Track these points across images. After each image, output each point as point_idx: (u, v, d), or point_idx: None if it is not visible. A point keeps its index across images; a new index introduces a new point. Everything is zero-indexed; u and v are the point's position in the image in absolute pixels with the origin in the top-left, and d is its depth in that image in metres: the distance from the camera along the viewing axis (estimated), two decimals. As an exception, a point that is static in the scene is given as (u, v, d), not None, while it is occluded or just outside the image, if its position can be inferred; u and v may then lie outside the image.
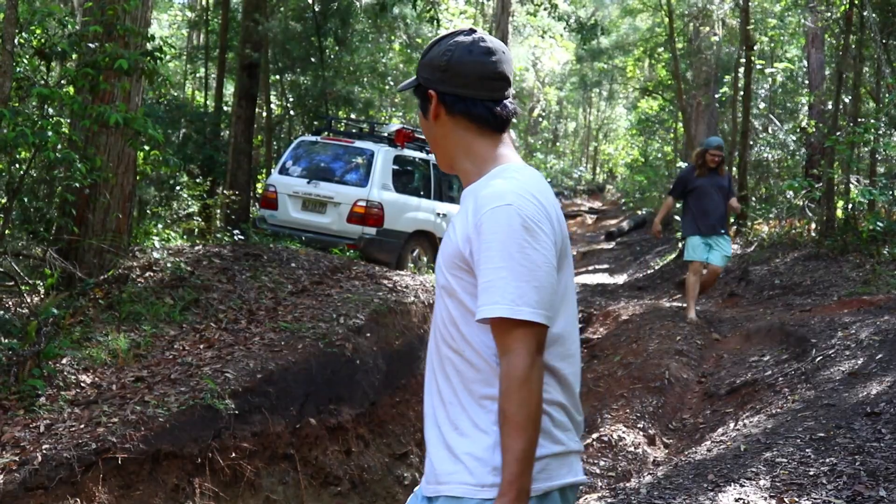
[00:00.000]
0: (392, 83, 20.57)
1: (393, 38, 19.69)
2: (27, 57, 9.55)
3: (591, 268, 21.54)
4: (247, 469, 7.61)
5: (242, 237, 12.06)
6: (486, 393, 2.35)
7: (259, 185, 15.32)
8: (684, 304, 12.51)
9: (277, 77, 17.80)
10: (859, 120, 15.48)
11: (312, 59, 17.13)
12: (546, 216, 2.38)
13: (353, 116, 17.16)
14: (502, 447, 2.26)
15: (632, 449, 8.20)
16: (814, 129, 18.49)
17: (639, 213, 29.66)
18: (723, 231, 11.11)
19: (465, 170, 2.57)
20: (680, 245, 17.64)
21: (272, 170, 13.59)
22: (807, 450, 6.04)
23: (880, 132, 15.38)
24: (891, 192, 15.04)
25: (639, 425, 8.80)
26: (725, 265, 11.65)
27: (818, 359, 8.55)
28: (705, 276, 11.70)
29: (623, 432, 8.54)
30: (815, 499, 5.16)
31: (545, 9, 26.45)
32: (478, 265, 2.30)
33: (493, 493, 2.27)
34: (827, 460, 5.74)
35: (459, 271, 2.37)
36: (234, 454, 7.49)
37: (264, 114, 17.65)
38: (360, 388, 8.92)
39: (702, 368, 10.23)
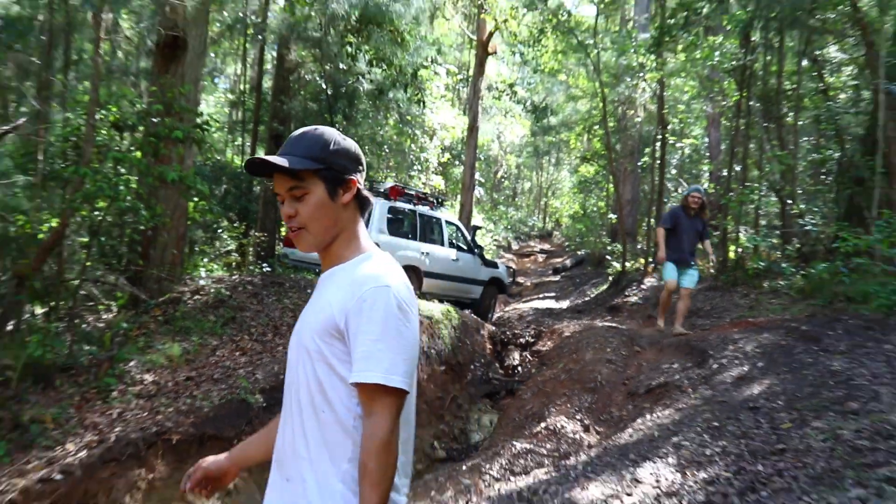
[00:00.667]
0: (387, 150, 20.71)
1: (388, 115, 19.74)
2: (105, 128, 9.61)
3: (541, 295, 21.51)
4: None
5: (269, 269, 12.09)
6: (341, 453, 2.17)
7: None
8: (614, 324, 12.61)
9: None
10: (746, 183, 15.69)
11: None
12: (413, 299, 2.29)
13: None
14: (361, 498, 2.09)
15: (571, 435, 8.21)
16: (713, 190, 18.66)
17: (578, 253, 29.70)
18: (692, 263, 11.05)
19: (338, 251, 2.36)
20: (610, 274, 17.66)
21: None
22: (704, 435, 6.12)
23: (762, 193, 15.64)
24: (770, 240, 15.26)
25: (577, 417, 8.82)
26: (694, 287, 11.38)
27: (714, 366, 8.61)
28: (680, 298, 11.30)
29: (565, 422, 8.57)
30: (710, 472, 5.23)
31: (507, 95, 26.76)
32: (355, 336, 2.13)
33: None
34: (719, 443, 5.82)
35: (332, 339, 2.16)
36: (262, 437, 7.53)
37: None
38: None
39: (626, 374, 10.26)
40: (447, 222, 14.41)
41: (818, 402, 6.24)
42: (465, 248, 14.75)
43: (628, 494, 5.17)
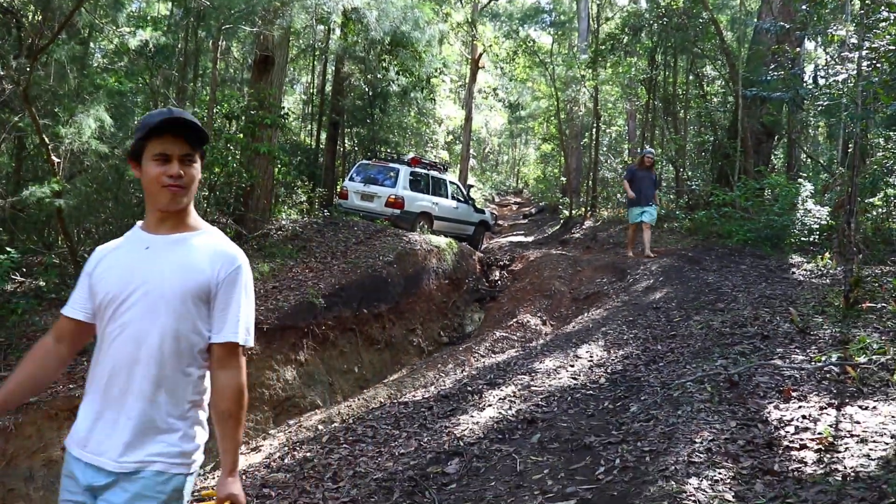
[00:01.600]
0: (409, 133, 20.42)
1: (410, 109, 19.51)
2: (219, 118, 9.54)
3: (514, 233, 21.44)
4: (330, 335, 7.70)
5: (328, 214, 12.04)
6: (184, 396, 1.79)
7: (338, 187, 15.25)
8: (564, 252, 12.60)
9: (349, 129, 17.62)
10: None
11: (367, 121, 16.95)
12: None
13: (388, 151, 16.99)
14: (227, 439, 1.80)
15: (534, 327, 8.28)
16: (629, 162, 18.49)
17: (540, 204, 29.50)
18: (650, 203, 9.95)
19: (185, 218, 1.88)
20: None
21: (345, 178, 13.46)
22: (623, 326, 6.15)
23: (663, 164, 15.50)
24: (669, 196, 15.18)
25: (538, 315, 8.88)
26: (652, 222, 10.24)
27: (630, 280, 8.63)
28: (643, 231, 10.19)
29: (529, 318, 8.63)
30: (626, 350, 5.27)
31: (492, 96, 26.45)
32: (226, 302, 1.81)
33: (188, 464, 1.79)
34: (632, 331, 5.85)
35: (200, 302, 1.79)
36: (323, 327, 7.59)
37: (341, 149, 17.49)
38: (390, 294, 8.95)
39: (571, 285, 10.26)
40: (450, 182, 14.25)
41: (698, 303, 6.25)
42: (462, 200, 14.63)
43: (571, 365, 5.22)
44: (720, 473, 2.81)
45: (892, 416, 3.06)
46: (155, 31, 10.17)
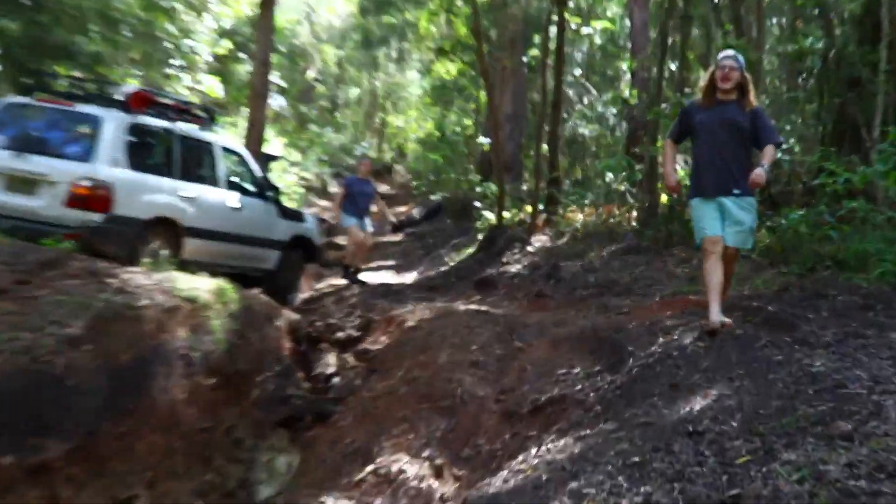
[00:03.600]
0: (128, 33, 20.21)
1: (127, -24, 19.34)
2: None
3: (374, 264, 21.57)
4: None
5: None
6: None
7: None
8: (485, 308, 12.74)
9: (-25, 23, 17.18)
10: (686, 90, 15.96)
11: (23, 1, 16.65)
12: None
13: (76, 74, 16.68)
14: None
15: (415, 483, 8.21)
16: (636, 100, 18.95)
17: (432, 198, 29.94)
18: (740, 191, 9.32)
19: None
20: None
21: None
22: (619, 477, 6.10)
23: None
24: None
25: (424, 454, 8.81)
26: (745, 244, 10.92)
27: (635, 370, 8.71)
28: (721, 263, 11.18)
29: (405, 463, 8.55)
30: (626, 538, 5.21)
31: (319, -52, 26.55)
32: None
33: None
34: (641, 489, 5.81)
35: None
36: None
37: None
38: (73, 415, 8.58)
39: (501, 383, 10.28)
40: (225, 150, 14.31)
41: (791, 423, 6.32)
42: (253, 190, 14.61)
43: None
44: None
45: None
46: None
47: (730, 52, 8.88)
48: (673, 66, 17.44)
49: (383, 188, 40.26)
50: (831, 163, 10.99)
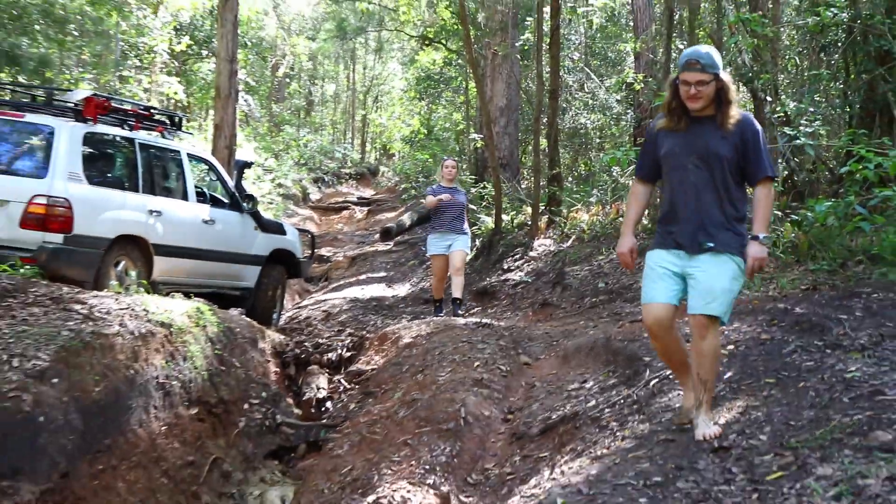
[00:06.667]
0: (76, 33, 20.23)
1: (74, -31, 19.39)
2: None
3: (362, 277, 21.60)
4: None
5: None
6: None
7: None
8: (487, 320, 12.85)
9: None
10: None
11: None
12: None
13: (21, 80, 16.73)
14: None
15: (418, 517, 8.29)
16: (642, 86, 19.01)
17: (421, 204, 29.96)
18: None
19: None
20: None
21: None
22: (640, 499, 6.22)
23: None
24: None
25: (428, 481, 8.85)
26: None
27: (653, 382, 8.79)
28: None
29: (408, 492, 8.57)
30: (651, 563, 5.33)
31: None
32: None
33: None
34: (666, 510, 5.94)
35: None
36: None
37: None
38: (45, 454, 8.65)
39: (508, 402, 10.39)
40: (192, 158, 14.29)
41: (825, 434, 6.43)
42: (225, 201, 14.67)
43: None
44: None
45: None
46: None
47: (696, 52, 6.73)
48: (681, 46, 17.50)
49: (368, 192, 40.38)
50: (861, 147, 11.02)
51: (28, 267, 11.23)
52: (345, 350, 13.49)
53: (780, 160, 14.89)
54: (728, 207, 6.72)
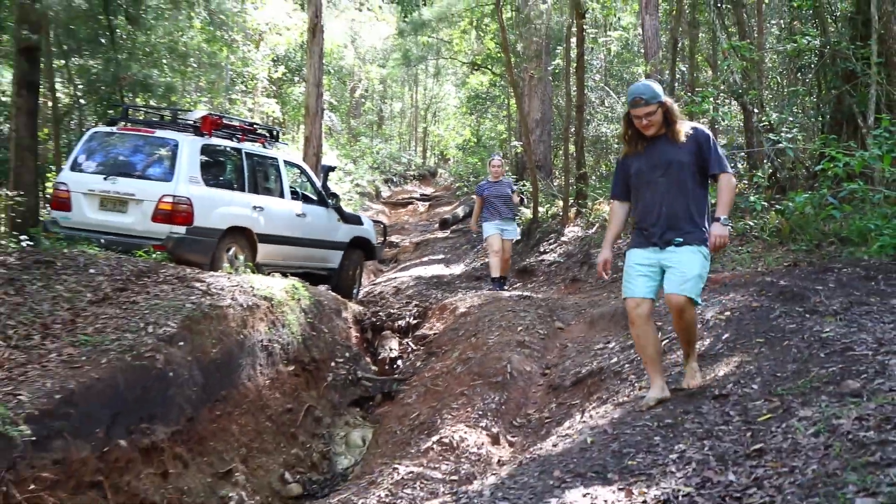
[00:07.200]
0: (194, 64, 20.32)
1: (193, 14, 19.40)
2: None
3: (425, 259, 21.56)
4: (48, 502, 7.43)
5: (32, 243, 11.73)
6: None
7: (49, 185, 14.92)
8: (527, 293, 12.83)
9: (63, 62, 17.32)
10: (696, 89, 15.96)
11: (102, 41, 16.74)
12: None
13: (152, 103, 16.82)
14: None
15: (474, 450, 8.29)
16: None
17: (474, 197, 29.91)
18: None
19: None
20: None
21: (63, 166, 13.20)
22: (655, 437, 6.21)
23: (718, 101, 15.93)
24: (733, 165, 15.59)
25: (481, 424, 8.91)
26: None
27: (664, 342, 8.78)
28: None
29: (465, 433, 8.64)
30: (663, 488, 5.30)
31: (361, -20, 26.61)
32: None
33: None
34: (675, 447, 5.91)
35: None
36: (32, 486, 7.30)
37: (50, 104, 17.16)
38: (175, 403, 8.76)
39: (545, 360, 10.42)
40: (287, 164, 14.37)
41: (806, 383, 6.39)
42: (314, 198, 14.71)
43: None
44: None
45: None
46: None
47: (635, 90, 6.77)
48: (683, 68, 17.40)
49: (429, 190, 40.32)
50: (831, 149, 10.98)
51: (159, 253, 11.40)
52: (411, 318, 13.56)
53: (765, 161, 14.82)
54: (692, 207, 6.77)
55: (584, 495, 5.57)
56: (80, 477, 7.73)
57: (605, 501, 5.44)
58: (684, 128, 6.72)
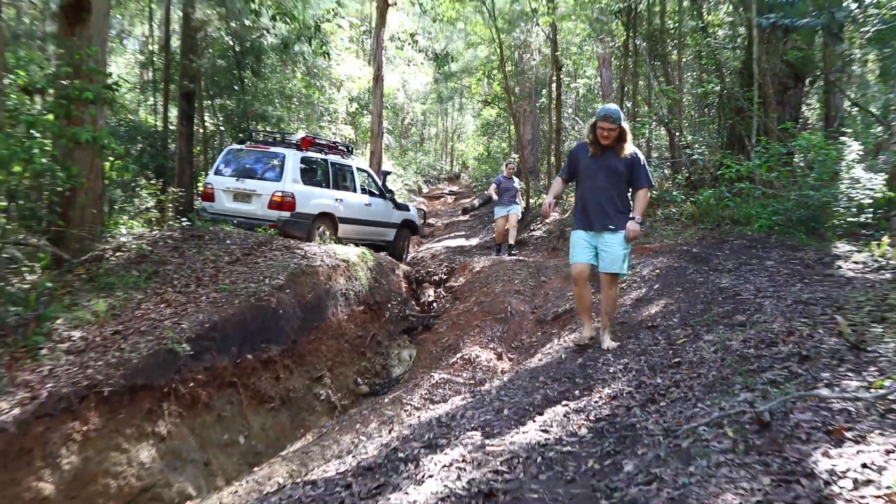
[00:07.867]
0: (296, 102, 20.36)
1: (295, 69, 19.44)
2: (14, 93, 9.23)
3: (451, 235, 21.54)
4: (202, 394, 7.57)
5: (189, 223, 11.85)
6: None
7: (200, 184, 15.04)
8: (521, 258, 12.82)
9: (209, 102, 17.38)
10: (637, 119, 15.95)
11: (235, 87, 16.78)
12: None
13: (268, 129, 16.86)
14: None
15: (485, 363, 8.35)
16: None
17: (485, 193, 29.82)
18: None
19: None
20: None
21: (209, 172, 13.28)
22: (607, 355, 6.29)
23: (652, 127, 15.95)
24: (662, 171, 15.60)
25: (490, 346, 8.99)
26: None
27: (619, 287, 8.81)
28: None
29: (479, 352, 8.71)
30: (613, 388, 5.37)
31: (409, 44, 26.51)
32: None
33: None
34: (621, 361, 5.98)
35: None
36: (191, 384, 7.45)
37: (201, 130, 17.25)
38: (283, 330, 8.89)
39: (534, 302, 10.45)
40: (358, 169, 14.34)
41: (709, 317, 6.44)
42: (376, 193, 14.71)
43: (540, 413, 5.26)
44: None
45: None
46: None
47: (607, 109, 6.72)
48: (628, 105, 17.36)
49: (454, 188, 40.19)
50: (727, 160, 11.07)
51: (272, 230, 11.48)
52: (443, 274, 13.55)
53: (683, 168, 14.81)
54: (619, 203, 6.68)
55: (559, 392, 5.66)
56: (222, 379, 7.89)
57: (575, 395, 5.52)
58: (629, 149, 6.66)
